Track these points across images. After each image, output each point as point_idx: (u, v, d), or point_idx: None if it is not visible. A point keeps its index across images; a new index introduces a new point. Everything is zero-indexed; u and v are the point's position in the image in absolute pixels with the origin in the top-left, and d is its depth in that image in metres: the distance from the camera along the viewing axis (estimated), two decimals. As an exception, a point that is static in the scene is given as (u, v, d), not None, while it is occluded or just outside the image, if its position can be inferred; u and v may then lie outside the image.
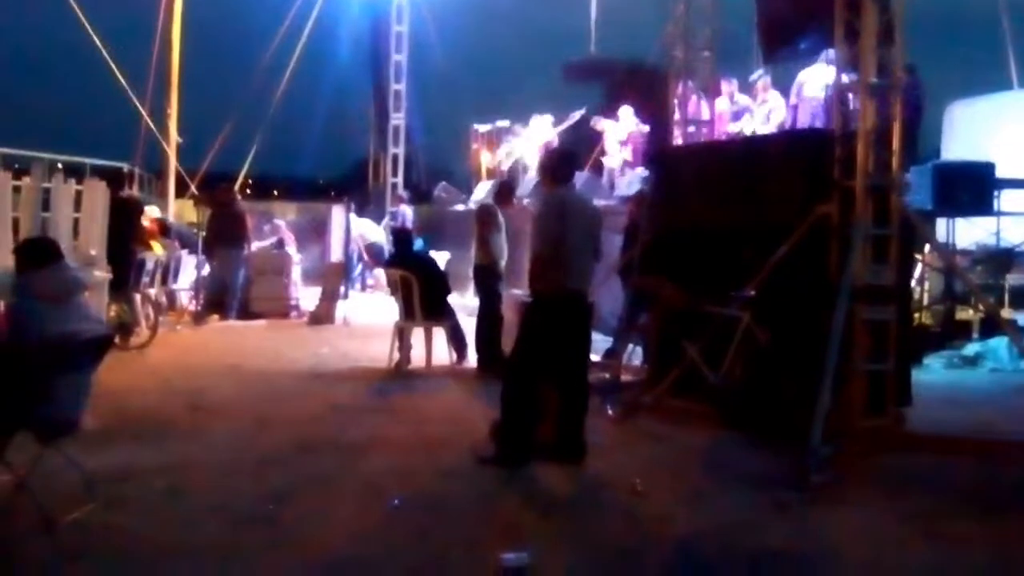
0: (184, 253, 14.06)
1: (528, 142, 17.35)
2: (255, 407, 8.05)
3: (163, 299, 13.25)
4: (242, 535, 5.10)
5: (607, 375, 9.08)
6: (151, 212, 14.10)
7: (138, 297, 11.65)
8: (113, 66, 18.00)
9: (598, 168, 16.21)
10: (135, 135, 19.19)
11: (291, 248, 15.86)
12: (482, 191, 17.21)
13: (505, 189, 11.18)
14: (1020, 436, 7.36)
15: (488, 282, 9.97)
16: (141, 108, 18.60)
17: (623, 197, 13.86)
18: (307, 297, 15.27)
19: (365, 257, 18.15)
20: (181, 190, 19.45)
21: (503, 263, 10.04)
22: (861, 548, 5.06)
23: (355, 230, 17.14)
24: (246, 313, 14.18)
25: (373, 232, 18.77)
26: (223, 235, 14.01)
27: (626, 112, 15.77)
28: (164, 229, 14.10)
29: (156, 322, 11.54)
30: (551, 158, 6.94)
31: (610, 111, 16.27)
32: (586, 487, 6.20)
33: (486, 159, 19.16)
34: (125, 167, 18.89)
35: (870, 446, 6.81)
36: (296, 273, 15.39)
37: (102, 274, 10.20)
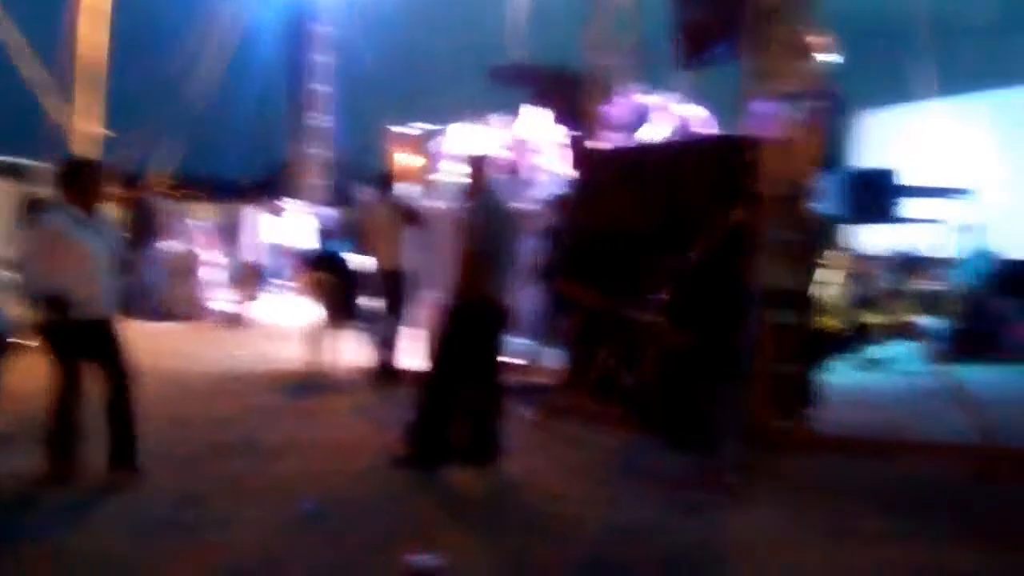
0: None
1: (456, 146, 17.29)
2: (167, 410, 7.91)
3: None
4: (152, 540, 5.03)
5: (524, 378, 9.13)
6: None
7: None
8: (29, 60, 17.54)
9: (517, 171, 16.23)
10: (50, 132, 18.71)
11: (205, 249, 15.61)
12: (403, 193, 17.10)
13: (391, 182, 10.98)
14: (923, 436, 7.57)
15: (403, 285, 9.93)
16: (54, 104, 18.13)
17: (543, 201, 13.91)
18: (223, 299, 15.07)
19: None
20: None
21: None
22: (770, 546, 5.16)
23: (279, 235, 16.93)
24: (160, 315, 13.95)
25: (298, 237, 18.56)
26: (137, 234, 13.78)
27: (535, 113, 15.76)
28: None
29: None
30: (475, 165, 6.93)
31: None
32: (501, 490, 6.21)
33: (407, 161, 19.07)
34: (37, 164, 18.41)
35: (779, 447, 6.95)
36: (211, 275, 15.16)
37: (9, 275, 9.94)
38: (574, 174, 10.37)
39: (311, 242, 13.37)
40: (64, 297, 5.63)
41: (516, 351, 8.97)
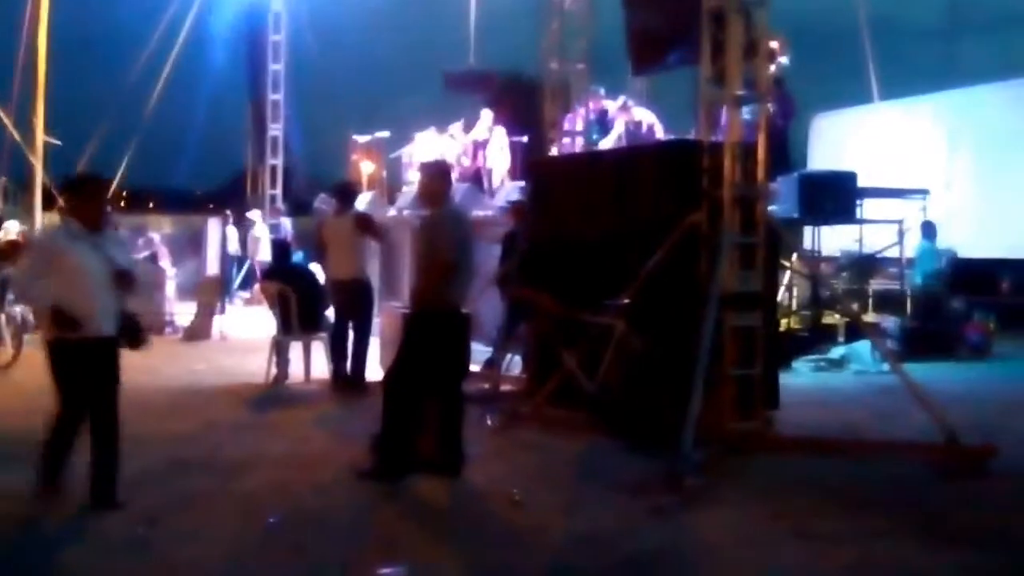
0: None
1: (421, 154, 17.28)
2: (128, 425, 7.77)
3: (30, 317, 12.76)
4: (115, 559, 4.97)
5: (486, 385, 9.14)
6: (10, 227, 13.58)
7: (2, 315, 11.21)
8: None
9: (476, 178, 16.27)
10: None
11: (165, 262, 15.47)
12: (362, 202, 17.08)
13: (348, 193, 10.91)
14: (882, 435, 7.67)
15: (365, 295, 9.90)
16: (3, 115, 17.89)
17: (502, 208, 13.94)
18: (183, 312, 14.91)
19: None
20: (49, 203, 18.76)
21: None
22: (734, 548, 5.20)
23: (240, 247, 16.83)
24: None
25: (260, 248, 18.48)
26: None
27: (491, 117, 15.81)
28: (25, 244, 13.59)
29: (21, 340, 11.12)
30: (433, 175, 6.91)
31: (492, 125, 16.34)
32: (464, 499, 6.22)
33: (366, 169, 19.03)
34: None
35: (741, 449, 7.00)
36: (171, 288, 15.03)
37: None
38: (529, 180, 10.39)
39: (270, 253, 13.29)
40: (65, 312, 5.45)
41: (476, 358, 8.98)
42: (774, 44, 7.98)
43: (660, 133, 13.06)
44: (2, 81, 18.02)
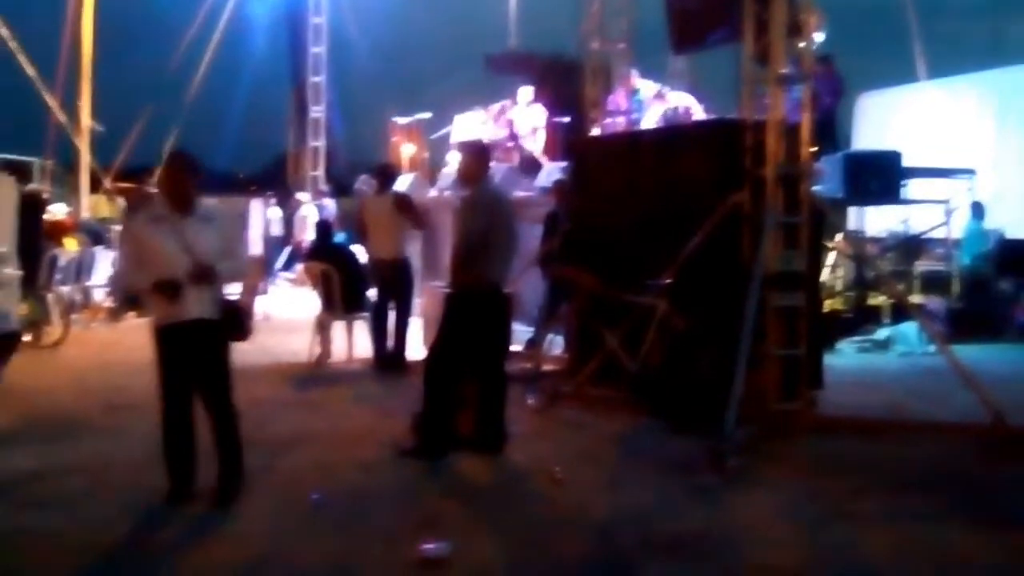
0: (99, 249, 13.77)
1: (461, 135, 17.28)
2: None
3: (77, 296, 12.97)
4: (161, 533, 5.06)
5: (528, 365, 9.15)
6: (56, 210, 13.78)
7: (51, 294, 11.39)
8: (21, 56, 17.52)
9: (516, 158, 16.24)
10: (45, 128, 18.72)
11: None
12: (404, 184, 17.14)
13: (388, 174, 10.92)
14: (928, 417, 7.59)
15: (406, 275, 9.95)
16: (51, 100, 18.13)
17: (543, 188, 13.91)
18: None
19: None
20: (95, 185, 19.02)
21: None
22: (776, 528, 5.18)
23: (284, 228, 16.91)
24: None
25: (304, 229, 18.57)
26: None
27: (527, 93, 15.76)
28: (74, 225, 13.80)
29: (69, 319, 11.31)
30: (471, 154, 6.93)
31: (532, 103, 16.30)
32: (506, 477, 6.24)
33: (407, 151, 19.08)
34: (35, 161, 18.40)
35: (784, 429, 6.96)
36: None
37: (12, 271, 9.95)
38: (570, 160, 10.37)
39: (314, 234, 13.36)
40: (164, 281, 5.24)
41: (518, 338, 8.99)
42: (816, 20, 7.87)
43: (704, 113, 12.93)
44: (48, 66, 18.24)
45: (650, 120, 13.07)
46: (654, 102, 13.15)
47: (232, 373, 5.58)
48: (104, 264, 13.84)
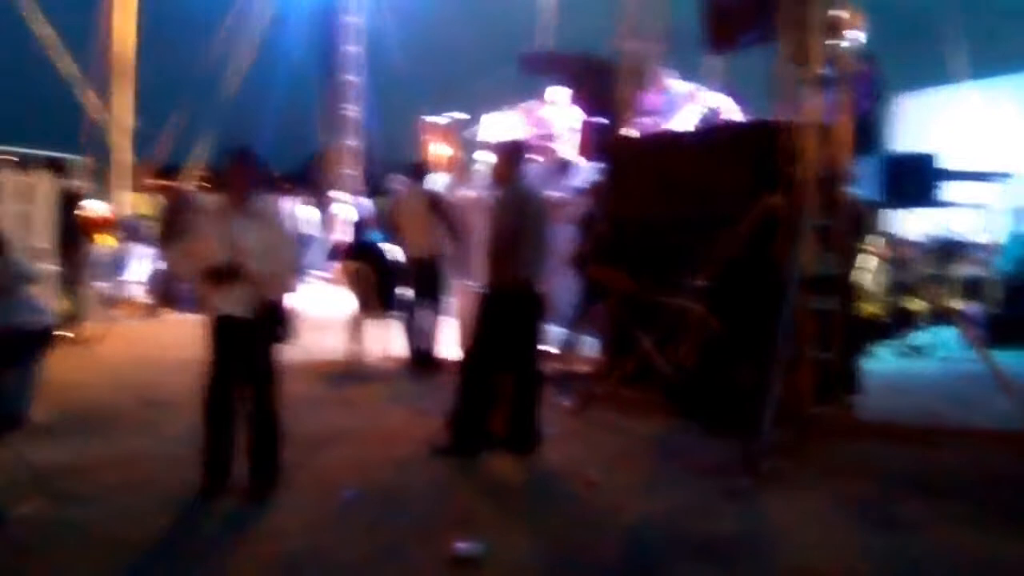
0: (136, 246, 13.91)
1: (490, 134, 17.29)
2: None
3: (114, 292, 13.10)
4: (196, 529, 5.09)
5: (562, 366, 9.13)
6: (93, 206, 13.92)
7: (89, 290, 11.51)
8: (61, 55, 17.72)
9: (550, 158, 16.21)
10: (85, 126, 18.91)
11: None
12: (438, 183, 17.16)
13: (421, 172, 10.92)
14: (965, 423, 7.50)
15: (438, 274, 9.95)
16: (89, 98, 18.31)
17: (577, 189, 13.88)
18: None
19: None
20: (134, 182, 19.20)
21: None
22: (810, 533, 5.14)
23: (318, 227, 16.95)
24: (201, 307, 14.05)
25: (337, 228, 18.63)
26: (177, 226, 13.90)
27: (562, 95, 15.74)
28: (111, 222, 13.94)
29: (106, 315, 11.42)
30: (503, 153, 6.93)
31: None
32: (540, 478, 6.23)
33: (440, 151, 19.11)
34: (75, 158, 18.61)
35: (819, 433, 6.91)
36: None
37: (51, 267, 10.07)
38: (605, 161, 10.33)
39: (348, 233, 13.42)
40: (212, 266, 5.30)
41: (553, 339, 8.98)
42: (854, 20, 7.79)
43: (741, 114, 12.84)
44: (87, 64, 18.43)
45: (681, 121, 13.01)
46: (686, 102, 13.08)
47: (275, 373, 5.60)
48: (141, 261, 13.99)
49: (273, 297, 5.50)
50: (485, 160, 16.60)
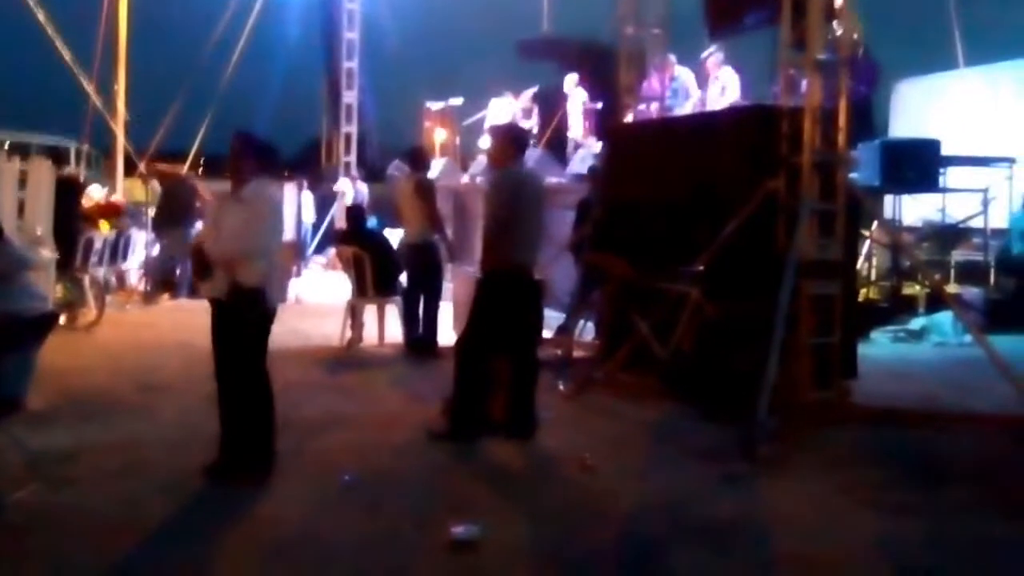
0: (133, 232, 13.89)
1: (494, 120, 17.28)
2: (206, 385, 7.94)
3: (112, 278, 13.09)
4: (193, 513, 5.09)
5: (559, 351, 9.14)
6: (92, 192, 13.91)
7: (86, 276, 11.50)
8: (58, 42, 17.65)
9: (557, 142, 16.22)
10: (82, 113, 18.90)
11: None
12: (436, 169, 17.16)
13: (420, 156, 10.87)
14: (963, 408, 7.51)
15: (435, 259, 9.92)
16: (87, 85, 18.27)
17: (576, 174, 13.88)
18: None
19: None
20: (130, 169, 19.18)
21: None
22: (808, 518, 5.14)
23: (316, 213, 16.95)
24: (197, 292, 14.05)
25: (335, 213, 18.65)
26: (174, 213, 13.88)
27: (571, 79, 15.77)
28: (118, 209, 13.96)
29: (104, 301, 11.41)
30: (500, 137, 6.92)
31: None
32: (537, 462, 6.24)
33: (440, 136, 19.09)
34: (73, 145, 18.59)
35: (817, 418, 6.91)
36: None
37: (48, 253, 10.05)
38: (605, 145, 10.33)
39: (346, 218, 13.41)
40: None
41: (550, 324, 8.98)
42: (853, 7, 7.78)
43: (735, 94, 12.79)
44: (85, 50, 18.39)
45: (689, 104, 12.99)
46: (690, 85, 13.04)
47: (248, 355, 5.61)
48: (138, 247, 13.97)
49: (243, 280, 5.45)
50: (485, 145, 16.62)
